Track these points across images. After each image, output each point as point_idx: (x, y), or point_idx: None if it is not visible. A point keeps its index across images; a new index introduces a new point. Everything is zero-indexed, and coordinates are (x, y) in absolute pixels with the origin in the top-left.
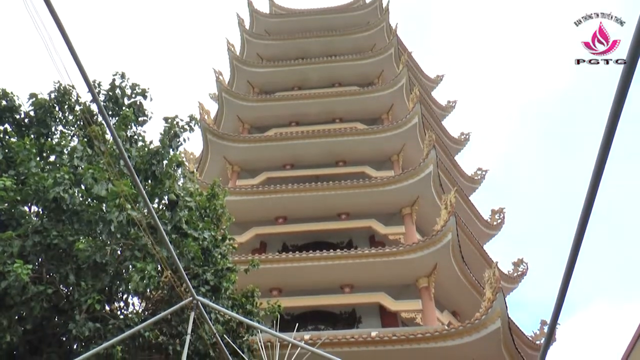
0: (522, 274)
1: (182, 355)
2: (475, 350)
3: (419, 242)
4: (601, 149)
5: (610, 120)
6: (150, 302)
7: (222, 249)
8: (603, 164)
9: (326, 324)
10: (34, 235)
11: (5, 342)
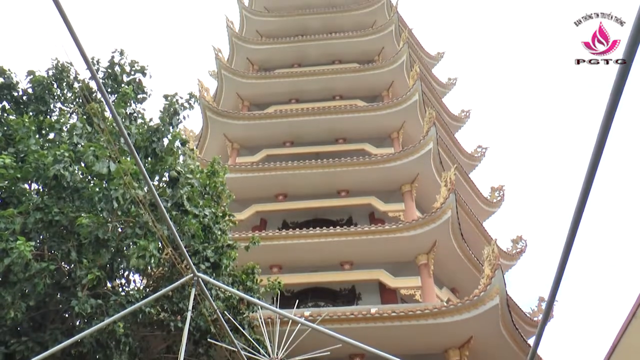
0: (521, 251)
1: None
2: (474, 327)
3: (419, 220)
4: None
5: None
6: (151, 279)
7: (222, 226)
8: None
9: (326, 301)
10: (35, 212)
11: (9, 318)
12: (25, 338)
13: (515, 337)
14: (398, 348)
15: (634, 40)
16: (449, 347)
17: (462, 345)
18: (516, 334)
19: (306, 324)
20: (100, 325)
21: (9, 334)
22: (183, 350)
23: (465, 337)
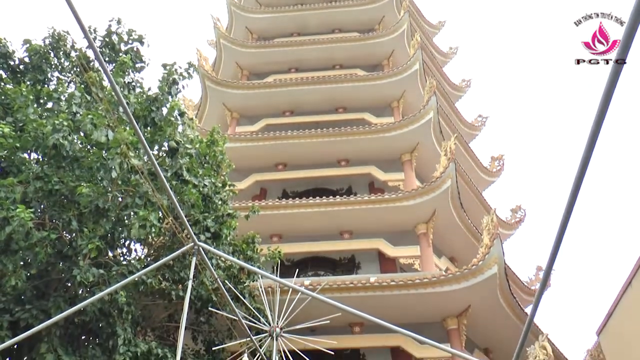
0: (520, 220)
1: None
2: (472, 296)
3: (418, 189)
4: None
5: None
6: (152, 249)
7: (222, 196)
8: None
9: (326, 270)
10: (35, 181)
11: (11, 287)
12: (29, 306)
13: (513, 306)
14: (397, 317)
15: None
16: (447, 316)
17: (460, 314)
18: (514, 303)
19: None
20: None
21: (13, 302)
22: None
23: (464, 306)
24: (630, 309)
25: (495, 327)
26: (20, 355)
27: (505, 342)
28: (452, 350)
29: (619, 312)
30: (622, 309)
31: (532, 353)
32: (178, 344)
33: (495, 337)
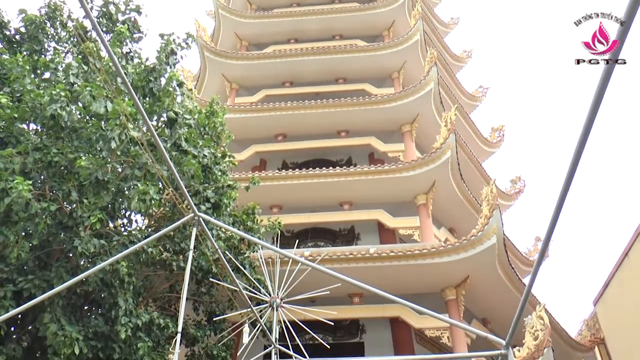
0: (520, 191)
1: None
2: (471, 266)
3: (418, 160)
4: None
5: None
6: (153, 220)
7: (222, 166)
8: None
9: (325, 241)
10: (34, 152)
11: (14, 258)
12: (32, 276)
13: (511, 276)
14: (396, 287)
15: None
16: (446, 287)
17: (459, 285)
18: (512, 273)
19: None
20: (104, 264)
21: (16, 272)
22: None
23: (462, 277)
24: (626, 279)
25: (494, 297)
26: (24, 325)
27: (503, 312)
28: (450, 320)
29: (615, 283)
30: (619, 280)
31: (530, 323)
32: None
33: (493, 308)
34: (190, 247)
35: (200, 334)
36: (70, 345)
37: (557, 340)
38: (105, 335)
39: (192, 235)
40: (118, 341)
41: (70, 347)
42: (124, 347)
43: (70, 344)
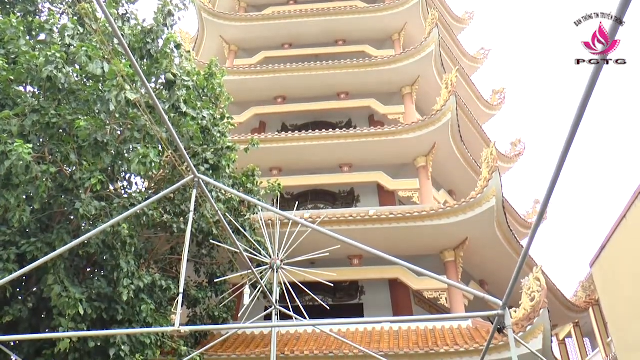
0: (520, 153)
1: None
2: (469, 228)
3: (418, 122)
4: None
5: None
6: (153, 182)
7: (221, 128)
8: (613, 35)
9: (325, 203)
10: (32, 114)
11: (16, 221)
12: (34, 239)
13: (509, 239)
14: (395, 249)
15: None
16: (445, 248)
17: (458, 247)
18: (510, 236)
19: (306, 225)
20: (105, 226)
21: (19, 235)
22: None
23: (461, 239)
24: (623, 241)
25: (492, 259)
26: (28, 287)
27: (501, 274)
28: (448, 281)
29: (612, 245)
30: (616, 242)
31: (527, 284)
32: (181, 276)
33: (491, 269)
34: (190, 209)
35: (201, 296)
36: (74, 306)
37: (553, 301)
38: (108, 296)
39: (192, 197)
40: (121, 302)
41: (75, 308)
42: (127, 309)
43: (75, 305)
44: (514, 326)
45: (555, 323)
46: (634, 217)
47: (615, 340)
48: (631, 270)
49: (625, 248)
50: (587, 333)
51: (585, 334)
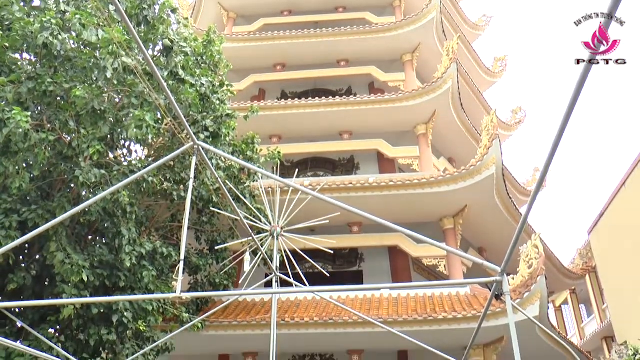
0: (520, 121)
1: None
2: (469, 196)
3: (419, 89)
4: None
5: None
6: (152, 150)
7: (220, 95)
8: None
9: (325, 171)
10: (28, 82)
11: (16, 188)
12: (35, 207)
13: (509, 206)
14: (395, 217)
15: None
16: (444, 216)
17: (457, 214)
18: (509, 203)
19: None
20: (105, 193)
21: (20, 203)
22: (187, 218)
23: (460, 206)
24: (622, 209)
25: (490, 227)
26: (31, 254)
27: (499, 241)
28: (447, 247)
29: (610, 212)
30: (614, 209)
31: (525, 252)
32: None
33: (490, 237)
34: (190, 177)
35: (202, 263)
36: (77, 273)
37: (550, 268)
38: (110, 264)
39: (192, 164)
40: (123, 270)
41: (78, 275)
42: (129, 276)
43: (78, 271)
44: (512, 293)
45: (552, 290)
46: (633, 185)
47: (610, 306)
48: (628, 238)
49: (623, 216)
50: (583, 300)
51: (581, 301)
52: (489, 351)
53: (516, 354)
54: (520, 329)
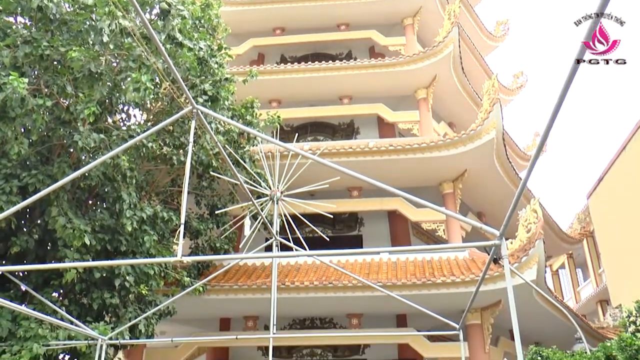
0: (521, 86)
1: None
2: (469, 160)
3: (420, 53)
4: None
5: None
6: (151, 114)
7: (218, 59)
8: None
9: (325, 135)
10: (24, 46)
11: (14, 153)
12: (35, 171)
13: (508, 170)
14: (394, 181)
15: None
16: (444, 180)
17: (456, 179)
18: (509, 167)
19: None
20: (104, 157)
21: (20, 168)
22: (187, 182)
23: (460, 171)
24: (621, 173)
25: (490, 191)
26: (32, 219)
27: (498, 206)
28: (447, 211)
29: (610, 176)
30: (614, 174)
31: (523, 216)
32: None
33: (489, 201)
34: (189, 141)
35: (203, 227)
36: (79, 237)
37: (548, 232)
38: (111, 228)
39: (192, 128)
40: (124, 234)
41: (80, 239)
42: (130, 240)
43: (80, 236)
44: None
45: (549, 254)
46: (634, 149)
47: (606, 270)
48: (627, 202)
49: (623, 180)
50: (579, 264)
51: (578, 265)
52: (486, 314)
53: (513, 317)
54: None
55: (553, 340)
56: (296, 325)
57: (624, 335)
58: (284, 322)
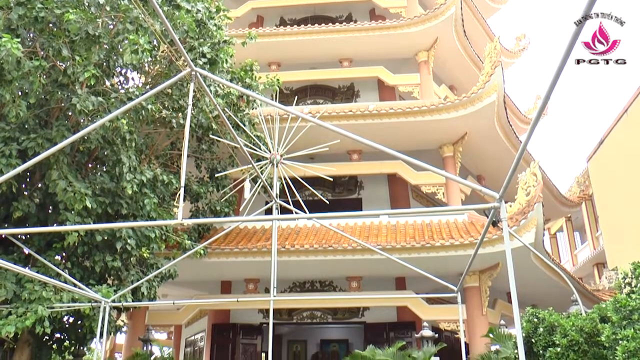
0: (524, 49)
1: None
2: (469, 123)
3: (421, 16)
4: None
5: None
6: (150, 77)
7: (216, 21)
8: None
9: (325, 98)
10: (17, 7)
11: (12, 116)
12: (34, 135)
13: (509, 134)
14: (394, 144)
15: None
16: (444, 143)
17: (456, 142)
18: (509, 130)
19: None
20: (103, 120)
21: (19, 131)
22: (186, 145)
23: (460, 134)
24: (622, 136)
25: (490, 154)
26: (33, 183)
27: (498, 169)
28: (446, 174)
29: (610, 140)
30: (614, 137)
31: (523, 179)
32: (181, 170)
33: (489, 165)
34: (188, 103)
35: (203, 190)
36: (80, 200)
37: (547, 196)
38: (112, 191)
39: (190, 91)
40: (125, 197)
41: (81, 203)
42: (131, 203)
43: (81, 199)
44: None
45: (548, 217)
46: (636, 113)
47: (604, 233)
48: (627, 166)
49: (623, 143)
50: (577, 227)
51: (576, 229)
52: (484, 277)
53: (511, 280)
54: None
55: (549, 303)
56: (296, 288)
57: (618, 297)
58: (285, 284)
